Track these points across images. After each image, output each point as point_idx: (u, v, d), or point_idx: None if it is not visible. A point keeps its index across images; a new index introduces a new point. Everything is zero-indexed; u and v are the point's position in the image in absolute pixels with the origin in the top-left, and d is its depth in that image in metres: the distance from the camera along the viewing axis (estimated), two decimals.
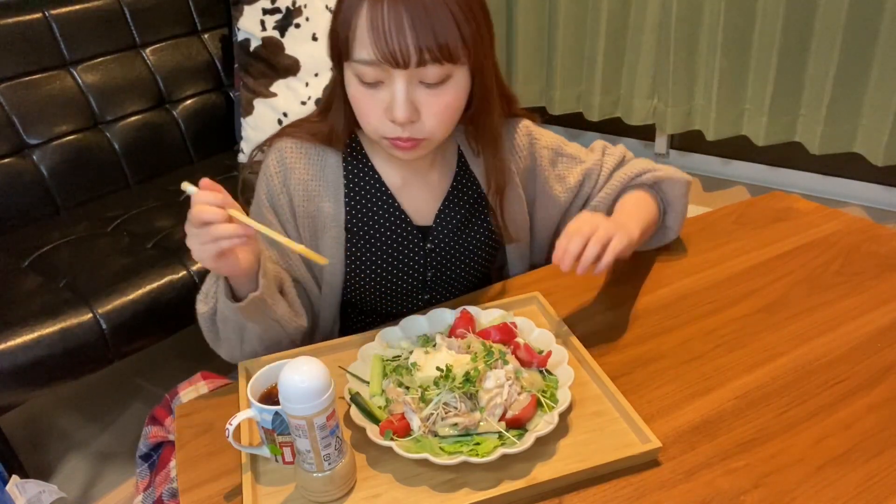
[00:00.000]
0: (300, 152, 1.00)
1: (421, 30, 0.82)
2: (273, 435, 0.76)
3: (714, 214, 1.25)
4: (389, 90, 0.87)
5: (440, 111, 0.89)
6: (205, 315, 0.93)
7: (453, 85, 0.89)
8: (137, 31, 2.04)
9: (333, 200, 1.01)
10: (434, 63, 0.84)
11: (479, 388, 0.80)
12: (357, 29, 0.84)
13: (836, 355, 0.90)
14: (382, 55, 0.83)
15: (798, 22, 2.16)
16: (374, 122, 0.90)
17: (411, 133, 0.89)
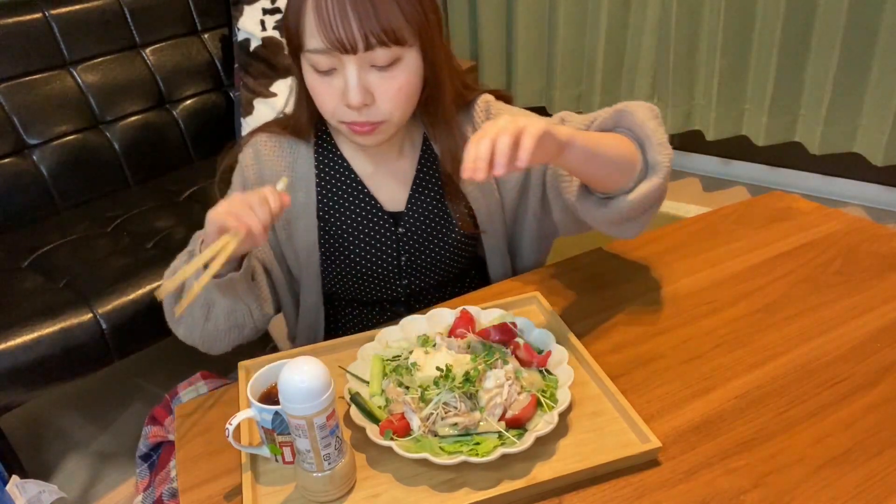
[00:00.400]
0: (274, 144, 1.04)
1: (364, 15, 0.85)
2: (273, 435, 0.76)
3: (714, 214, 1.25)
4: (342, 76, 0.90)
5: (394, 94, 0.91)
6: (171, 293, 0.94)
7: (404, 67, 0.91)
8: (137, 31, 2.04)
9: (305, 190, 1.04)
10: (381, 46, 0.87)
11: (479, 387, 0.80)
12: (305, 20, 0.87)
13: (836, 355, 0.90)
14: (330, 42, 0.86)
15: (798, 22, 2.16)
16: (331, 109, 0.93)
17: (368, 117, 0.92)
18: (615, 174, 0.90)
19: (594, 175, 0.90)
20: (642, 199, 0.91)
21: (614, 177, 0.90)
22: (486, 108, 1.07)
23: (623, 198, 0.91)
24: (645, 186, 0.91)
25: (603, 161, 0.88)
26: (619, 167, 0.90)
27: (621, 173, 0.91)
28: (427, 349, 0.87)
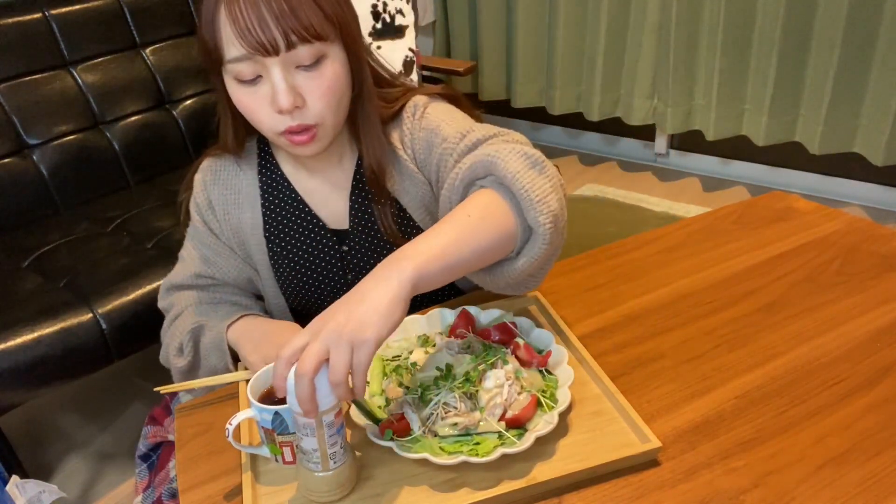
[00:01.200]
0: (217, 168, 1.04)
1: (280, 14, 0.82)
2: (273, 435, 0.76)
3: (714, 214, 1.25)
4: (269, 82, 0.86)
5: (323, 92, 0.88)
6: (182, 368, 0.99)
7: (330, 63, 0.87)
8: (137, 31, 2.04)
9: (251, 210, 1.03)
10: (303, 43, 0.84)
11: (479, 387, 0.80)
12: (221, 31, 0.84)
13: (836, 355, 0.90)
14: (251, 46, 0.83)
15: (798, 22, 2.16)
16: (265, 121, 0.89)
17: (301, 120, 0.88)
18: (488, 258, 0.81)
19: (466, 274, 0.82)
20: (528, 264, 0.82)
21: (488, 260, 0.81)
22: (412, 112, 0.99)
23: (509, 265, 0.83)
24: (527, 254, 0.82)
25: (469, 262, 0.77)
26: (490, 251, 0.80)
27: (495, 254, 0.81)
28: (427, 349, 0.87)
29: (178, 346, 0.99)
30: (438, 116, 0.97)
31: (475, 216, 0.79)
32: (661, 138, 2.76)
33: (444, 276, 0.75)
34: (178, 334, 1.00)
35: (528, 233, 0.81)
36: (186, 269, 1.05)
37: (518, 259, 0.82)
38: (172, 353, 1.00)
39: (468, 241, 0.76)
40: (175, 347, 1.00)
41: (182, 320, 1.01)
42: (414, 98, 1.00)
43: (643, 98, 2.59)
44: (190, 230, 1.06)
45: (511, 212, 0.80)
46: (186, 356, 0.98)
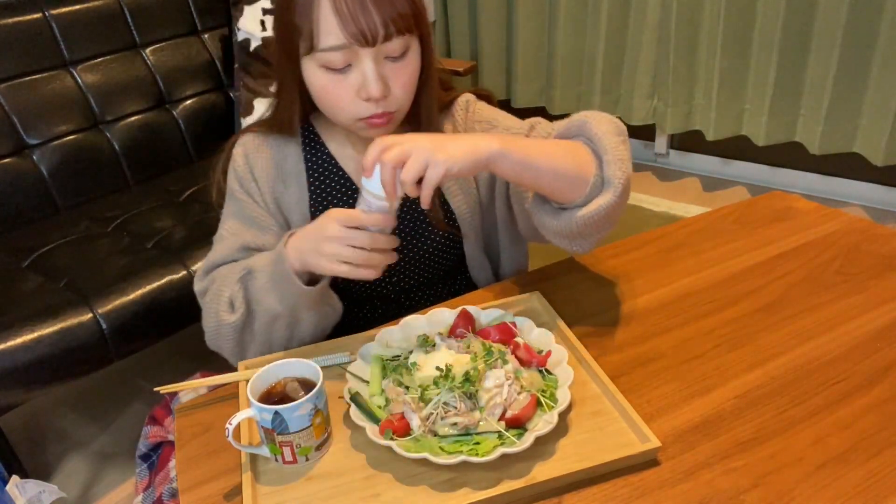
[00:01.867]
0: (261, 143, 1.04)
1: (382, 4, 0.86)
2: (273, 435, 0.76)
3: (714, 214, 1.25)
4: (359, 71, 0.90)
5: (406, 82, 0.93)
6: (236, 323, 0.93)
7: (413, 55, 0.93)
8: (137, 31, 2.04)
9: (297, 186, 1.04)
10: (398, 35, 0.88)
11: (479, 387, 0.80)
12: (320, 18, 0.87)
13: (836, 355, 0.90)
14: (352, 36, 0.86)
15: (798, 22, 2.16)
16: (347, 107, 0.93)
17: (385, 107, 0.92)
18: (560, 186, 0.87)
19: (535, 186, 0.89)
20: (592, 215, 0.87)
21: (559, 188, 0.87)
22: (465, 107, 1.07)
23: (573, 212, 0.88)
24: (596, 203, 0.87)
25: (543, 172, 0.85)
26: (564, 179, 0.87)
27: (568, 186, 0.87)
28: (427, 349, 0.87)
29: (228, 301, 0.94)
30: (491, 113, 1.06)
31: (562, 146, 0.89)
32: (661, 138, 2.76)
33: (518, 169, 0.84)
34: (224, 291, 0.95)
35: (599, 187, 0.88)
36: (230, 244, 1.01)
37: (584, 207, 0.88)
38: (224, 311, 0.94)
39: (550, 157, 0.85)
40: (225, 304, 0.94)
41: (224, 278, 0.96)
42: (464, 94, 1.08)
43: (643, 98, 2.59)
44: (230, 208, 1.05)
45: (592, 162, 0.88)
46: (238, 308, 0.93)
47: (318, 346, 0.96)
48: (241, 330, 0.94)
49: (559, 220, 0.90)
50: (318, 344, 0.97)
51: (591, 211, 0.87)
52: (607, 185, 0.87)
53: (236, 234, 1.01)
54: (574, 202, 0.88)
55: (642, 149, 2.85)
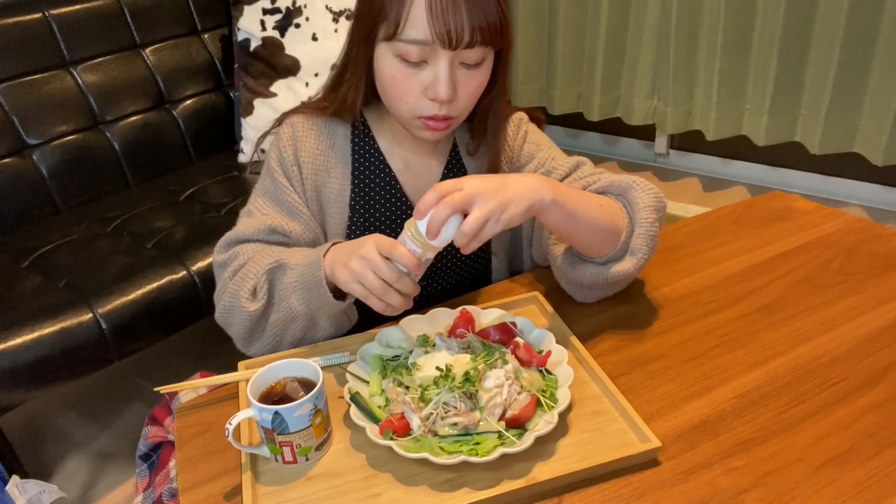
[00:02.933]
0: (311, 126, 1.04)
1: (475, 10, 0.86)
2: (273, 434, 0.76)
3: (714, 214, 1.25)
4: (432, 70, 0.90)
5: (473, 91, 0.94)
6: (254, 313, 0.93)
7: (486, 67, 0.93)
8: (137, 31, 2.04)
9: (341, 176, 1.04)
10: (481, 45, 0.89)
11: (479, 387, 0.80)
12: (411, 9, 0.86)
13: (836, 355, 0.90)
14: (438, 35, 0.86)
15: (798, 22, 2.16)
16: (410, 102, 0.93)
17: (447, 111, 0.93)
18: (591, 241, 0.93)
19: (569, 236, 0.94)
20: (610, 276, 0.95)
21: (589, 243, 0.94)
22: (517, 125, 1.09)
23: (592, 266, 0.96)
24: (618, 267, 0.95)
25: (581, 226, 0.90)
26: (597, 236, 0.93)
27: (597, 243, 0.94)
28: (427, 349, 0.87)
29: (251, 288, 0.94)
30: (540, 137, 1.10)
31: (603, 205, 0.93)
32: (661, 138, 2.75)
33: (562, 220, 0.88)
34: (250, 277, 0.94)
35: (623, 251, 0.95)
36: (257, 222, 1.00)
37: (603, 266, 0.95)
38: (244, 297, 0.93)
39: (592, 213, 0.90)
40: (248, 290, 0.94)
41: (254, 264, 0.95)
42: (519, 113, 1.11)
43: (643, 98, 2.58)
44: (264, 185, 1.04)
45: (624, 228, 0.94)
46: (260, 299, 0.93)
47: (318, 346, 0.97)
48: (258, 320, 0.94)
49: (576, 270, 0.97)
50: (318, 344, 0.97)
51: (613, 273, 0.95)
52: (632, 252, 0.95)
53: (266, 215, 1.01)
54: (595, 258, 0.95)
55: (642, 149, 2.85)
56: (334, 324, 0.96)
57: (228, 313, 0.96)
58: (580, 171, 1.04)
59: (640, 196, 0.95)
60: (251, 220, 1.01)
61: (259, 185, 1.05)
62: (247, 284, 0.94)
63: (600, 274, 0.96)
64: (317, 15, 2.00)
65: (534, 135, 1.10)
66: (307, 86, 2.00)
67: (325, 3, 2.01)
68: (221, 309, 0.97)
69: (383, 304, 0.85)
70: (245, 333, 0.96)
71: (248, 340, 0.97)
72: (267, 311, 0.94)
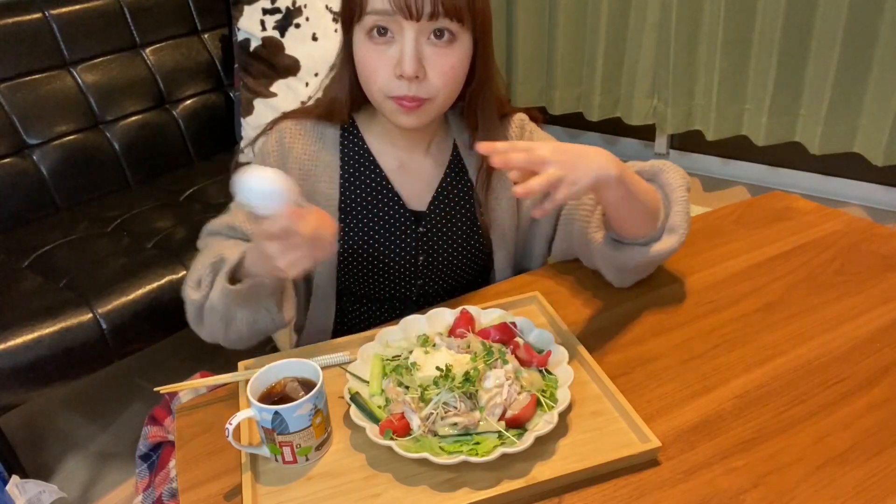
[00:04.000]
0: (299, 132, 1.04)
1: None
2: (273, 434, 0.76)
3: (714, 214, 1.25)
4: (398, 46, 0.90)
5: (445, 71, 0.92)
6: (196, 302, 0.94)
7: (458, 47, 0.92)
8: (137, 31, 2.04)
9: (329, 181, 1.04)
10: (445, 17, 0.88)
11: (479, 387, 0.80)
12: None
13: (836, 355, 0.90)
14: (397, 4, 0.86)
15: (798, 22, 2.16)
16: (380, 81, 0.92)
17: (417, 91, 0.92)
18: (641, 221, 0.96)
19: (625, 215, 0.94)
20: (657, 255, 0.97)
21: (639, 223, 0.96)
22: (520, 126, 1.09)
23: (638, 248, 0.98)
24: (665, 244, 0.97)
25: (637, 206, 0.93)
26: (647, 216, 0.96)
27: (646, 223, 0.96)
28: (427, 349, 0.87)
29: (197, 279, 0.95)
30: (547, 136, 1.10)
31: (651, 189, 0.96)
32: (661, 138, 2.75)
33: (621, 197, 0.89)
34: (198, 267, 0.96)
35: (660, 232, 0.98)
36: (225, 219, 1.03)
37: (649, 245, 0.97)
38: (190, 286, 0.95)
39: (642, 194, 0.93)
40: (194, 280, 0.95)
41: (204, 255, 0.98)
42: (518, 114, 1.10)
43: (643, 98, 2.58)
44: None
45: (662, 207, 0.98)
46: (203, 289, 0.94)
47: (318, 346, 0.97)
48: (199, 308, 0.95)
49: (622, 253, 0.99)
50: (317, 344, 0.97)
51: (658, 252, 0.97)
52: (672, 230, 0.98)
53: (235, 213, 1.02)
54: (637, 239, 0.97)
55: (642, 149, 2.85)
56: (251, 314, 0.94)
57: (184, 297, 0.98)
58: None
59: (671, 177, 0.99)
60: (227, 216, 1.03)
61: None
62: (194, 275, 0.96)
63: (645, 254, 0.97)
64: (317, 15, 2.00)
65: (539, 133, 1.11)
66: (307, 86, 2.00)
67: (325, 3, 2.01)
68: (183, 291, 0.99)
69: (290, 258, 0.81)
70: (192, 318, 0.97)
71: (196, 324, 0.98)
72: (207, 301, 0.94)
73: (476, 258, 1.11)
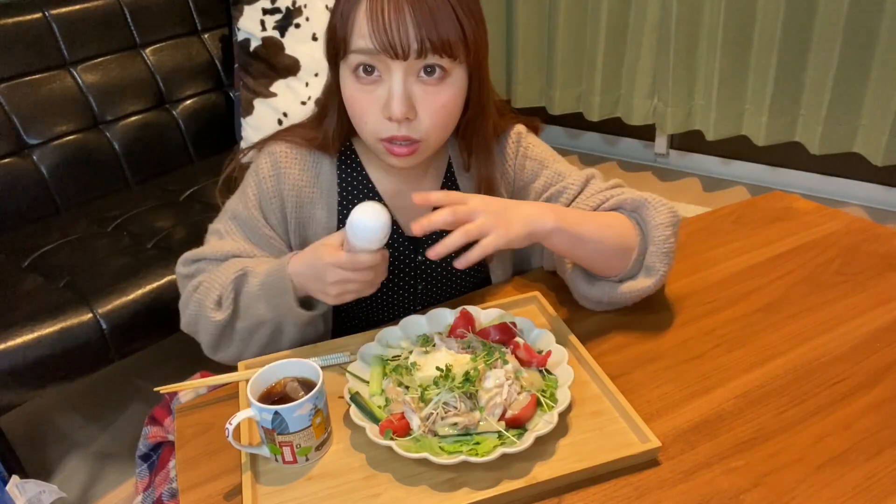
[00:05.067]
0: (294, 157, 0.99)
1: (422, 20, 0.82)
2: (273, 434, 0.76)
3: (714, 214, 1.25)
4: (386, 86, 0.86)
5: (436, 110, 0.88)
6: (219, 322, 0.93)
7: (451, 84, 0.88)
8: (137, 31, 2.04)
9: (326, 208, 1.01)
10: (433, 55, 0.84)
11: (479, 387, 0.80)
12: (356, 21, 0.84)
13: (836, 355, 0.90)
14: (381, 44, 0.82)
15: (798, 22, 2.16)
16: (370, 123, 0.89)
17: (408, 132, 0.88)
18: (601, 262, 0.94)
19: (579, 259, 0.94)
20: (628, 294, 0.95)
21: (600, 263, 0.94)
22: (517, 141, 1.05)
23: (609, 284, 0.96)
24: (636, 285, 0.94)
25: (589, 249, 0.91)
26: (607, 256, 0.93)
27: (608, 263, 0.94)
28: (427, 349, 0.87)
29: (217, 298, 0.93)
30: (542, 152, 1.06)
31: (612, 224, 0.93)
32: (661, 138, 2.76)
33: (568, 244, 0.88)
34: (215, 287, 0.93)
35: (637, 269, 0.95)
36: (224, 246, 0.98)
37: (622, 284, 0.95)
38: (210, 307, 0.93)
39: (599, 234, 0.90)
40: (213, 300, 0.93)
41: (218, 274, 0.94)
42: (516, 126, 1.06)
43: (643, 98, 2.59)
44: (239, 211, 1.00)
45: (637, 245, 0.93)
46: (226, 308, 0.92)
47: (318, 346, 0.97)
48: (223, 328, 0.94)
49: (593, 288, 0.97)
50: (317, 344, 0.97)
51: (630, 291, 0.95)
52: (650, 271, 0.94)
53: (236, 242, 0.99)
54: (608, 277, 0.95)
55: (642, 149, 2.85)
56: (300, 332, 0.94)
57: (195, 322, 0.96)
58: (591, 186, 1.01)
59: (652, 214, 0.94)
60: (220, 242, 0.99)
61: (232, 205, 1.02)
62: (212, 294, 0.93)
63: (614, 291, 0.95)
64: (317, 15, 2.00)
65: (535, 149, 1.06)
66: (307, 86, 2.00)
67: (325, 3, 2.01)
68: (188, 318, 0.97)
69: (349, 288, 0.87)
70: (212, 341, 0.95)
71: (215, 348, 0.97)
72: (233, 320, 0.93)
73: (474, 281, 1.09)
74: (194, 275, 0.98)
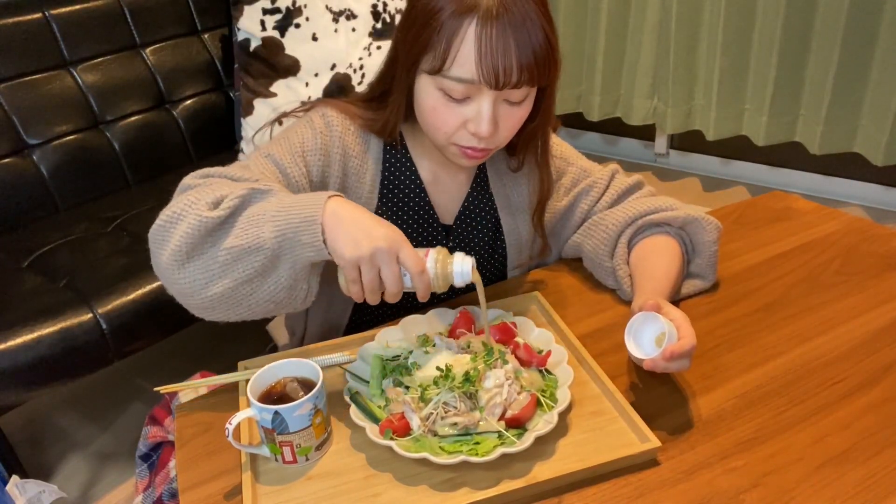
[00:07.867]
0: (348, 127, 0.98)
1: (525, 51, 0.83)
2: (273, 434, 0.76)
3: (714, 214, 1.25)
4: (475, 106, 0.87)
5: (514, 125, 0.92)
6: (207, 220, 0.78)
7: (529, 102, 0.91)
8: (137, 31, 2.04)
9: (369, 185, 1.01)
10: (528, 84, 0.86)
11: (479, 387, 0.80)
12: (460, 48, 0.83)
13: (836, 355, 0.90)
14: (485, 76, 0.83)
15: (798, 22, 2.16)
16: (450, 133, 0.90)
17: (487, 144, 0.91)
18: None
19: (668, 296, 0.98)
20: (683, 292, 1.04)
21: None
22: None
23: None
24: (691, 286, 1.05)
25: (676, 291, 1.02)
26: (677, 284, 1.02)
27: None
28: (427, 349, 0.87)
29: (217, 198, 0.80)
30: (566, 149, 1.13)
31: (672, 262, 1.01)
32: (661, 138, 2.76)
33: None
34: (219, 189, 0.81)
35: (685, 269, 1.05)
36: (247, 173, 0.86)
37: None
38: (203, 203, 0.79)
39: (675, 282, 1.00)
40: (211, 199, 0.79)
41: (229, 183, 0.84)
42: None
43: (643, 98, 2.59)
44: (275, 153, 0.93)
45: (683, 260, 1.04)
46: (223, 209, 0.78)
47: (318, 346, 0.97)
48: (209, 231, 0.79)
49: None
50: (317, 344, 0.97)
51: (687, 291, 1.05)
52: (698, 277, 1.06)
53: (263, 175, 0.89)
54: None
55: (642, 149, 2.85)
56: (290, 281, 0.81)
57: (173, 221, 0.81)
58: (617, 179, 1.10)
59: (701, 233, 1.04)
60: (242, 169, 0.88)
61: (267, 148, 0.94)
62: (212, 194, 0.80)
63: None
64: (317, 15, 2.00)
65: (559, 147, 1.11)
66: (307, 86, 2.00)
67: (325, 3, 2.01)
68: (166, 218, 0.82)
69: (361, 297, 0.80)
70: (186, 246, 0.79)
71: (184, 256, 0.80)
72: (224, 228, 0.79)
73: (495, 270, 1.11)
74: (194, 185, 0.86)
